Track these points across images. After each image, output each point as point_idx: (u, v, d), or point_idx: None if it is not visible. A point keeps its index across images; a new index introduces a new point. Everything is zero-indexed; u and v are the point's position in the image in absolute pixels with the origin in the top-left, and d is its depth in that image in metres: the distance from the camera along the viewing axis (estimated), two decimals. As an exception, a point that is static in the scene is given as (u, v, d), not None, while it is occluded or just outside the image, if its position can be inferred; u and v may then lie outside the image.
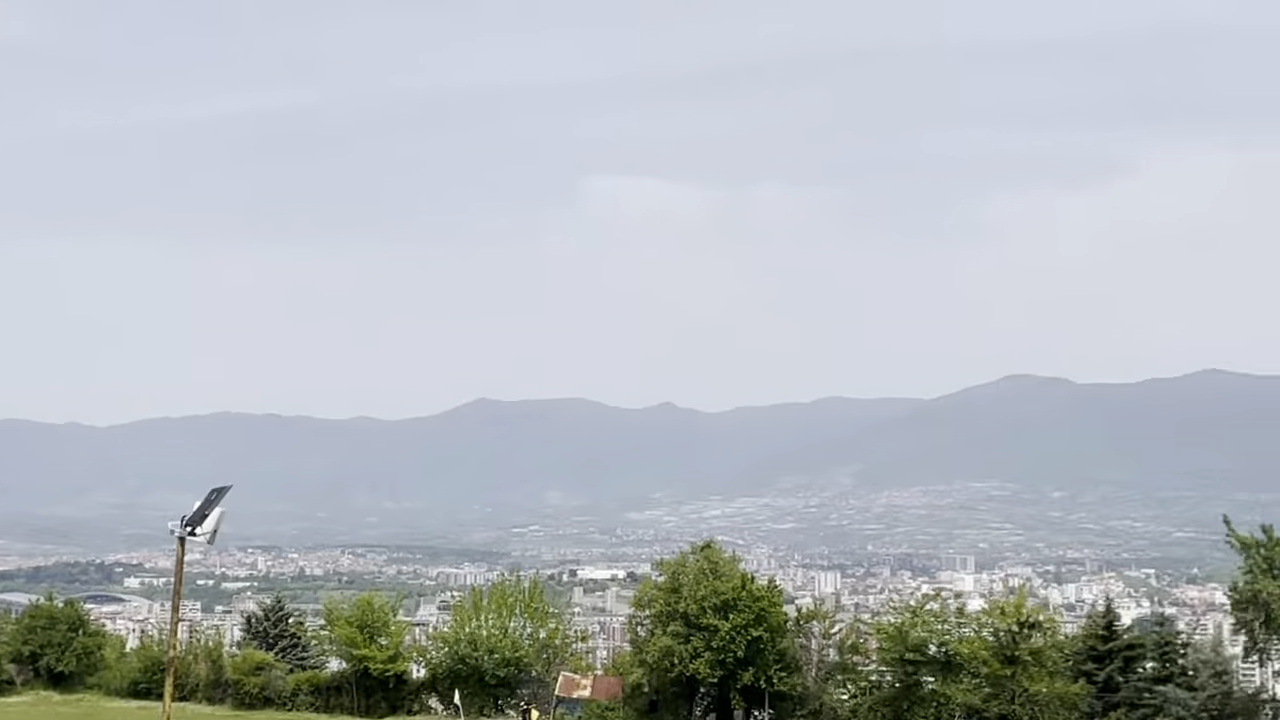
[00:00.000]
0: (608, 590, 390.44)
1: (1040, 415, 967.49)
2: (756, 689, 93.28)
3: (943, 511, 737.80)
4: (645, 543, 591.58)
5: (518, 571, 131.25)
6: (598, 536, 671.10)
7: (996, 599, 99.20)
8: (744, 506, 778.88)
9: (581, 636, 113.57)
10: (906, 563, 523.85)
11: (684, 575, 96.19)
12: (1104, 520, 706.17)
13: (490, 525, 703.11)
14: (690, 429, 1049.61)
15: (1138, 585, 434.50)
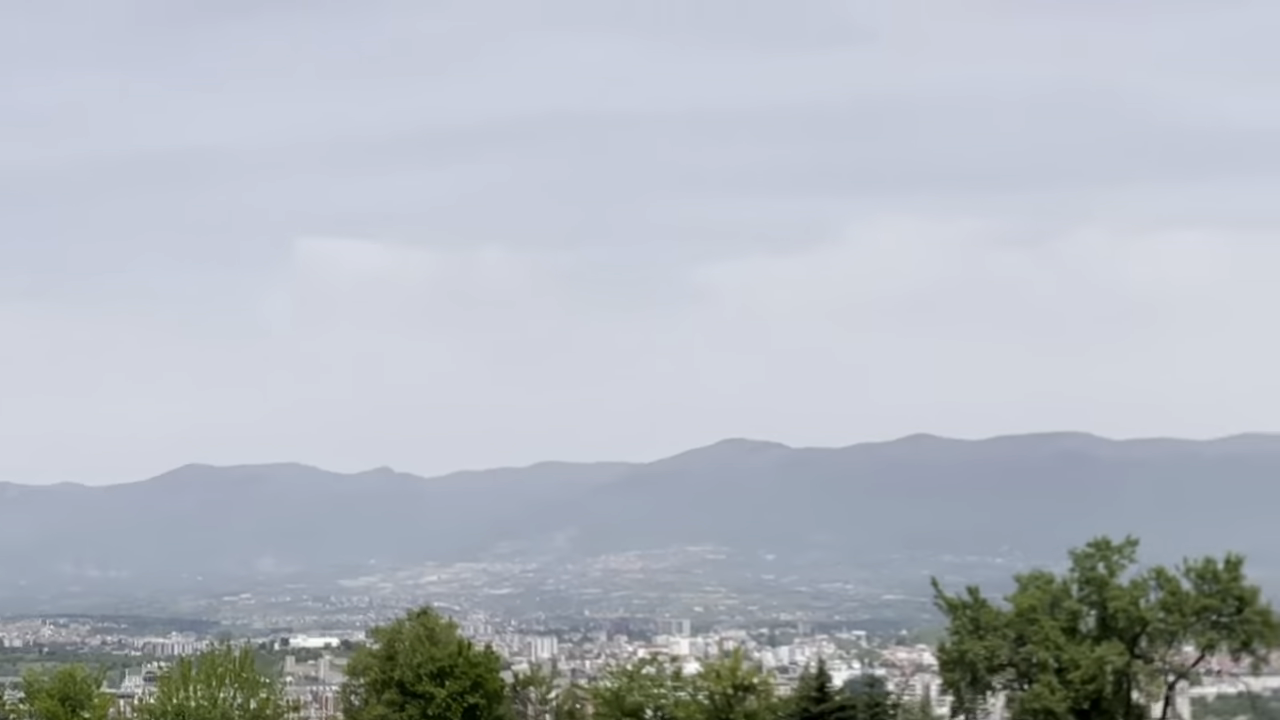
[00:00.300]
0: (321, 659, 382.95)
1: (755, 478, 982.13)
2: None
3: (659, 575, 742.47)
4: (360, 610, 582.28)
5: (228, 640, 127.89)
6: (311, 604, 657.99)
7: (712, 662, 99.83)
8: (461, 572, 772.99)
9: (293, 706, 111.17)
10: (623, 627, 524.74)
11: (399, 642, 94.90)
12: (816, 583, 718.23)
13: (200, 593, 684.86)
14: (407, 494, 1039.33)
15: (849, 647, 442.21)
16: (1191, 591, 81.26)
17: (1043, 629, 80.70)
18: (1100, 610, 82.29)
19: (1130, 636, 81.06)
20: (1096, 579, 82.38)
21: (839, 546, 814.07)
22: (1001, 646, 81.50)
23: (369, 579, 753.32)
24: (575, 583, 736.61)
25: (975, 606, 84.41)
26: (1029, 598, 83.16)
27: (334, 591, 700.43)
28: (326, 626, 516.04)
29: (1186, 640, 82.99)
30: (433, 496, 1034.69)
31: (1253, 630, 79.91)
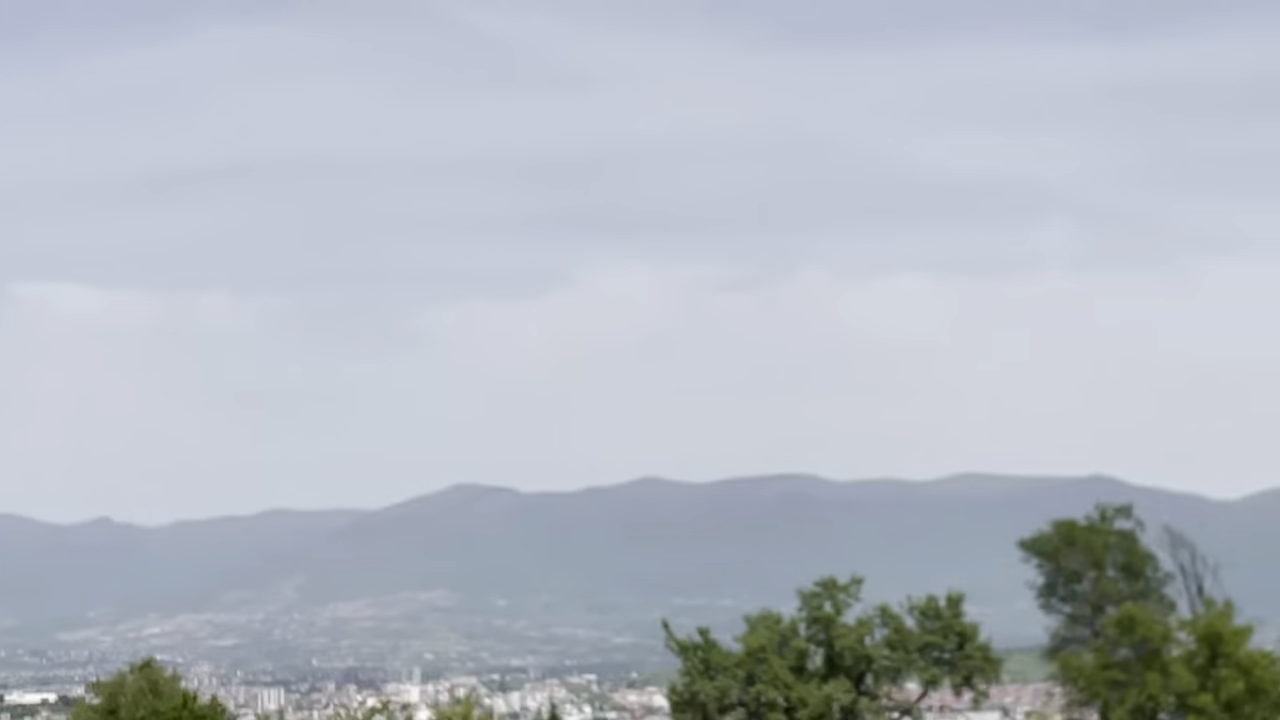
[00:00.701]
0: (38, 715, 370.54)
1: (486, 524, 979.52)
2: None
3: (389, 623, 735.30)
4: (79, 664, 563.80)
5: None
6: (27, 659, 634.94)
7: (443, 709, 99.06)
8: (185, 623, 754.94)
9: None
10: (353, 676, 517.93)
11: (122, 696, 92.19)
12: (547, 627, 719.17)
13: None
14: (128, 544, 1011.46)
15: (580, 691, 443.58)
16: (915, 629, 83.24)
17: (772, 668, 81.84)
18: (827, 648, 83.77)
19: (856, 674, 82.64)
20: (823, 618, 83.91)
21: (570, 591, 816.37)
22: (732, 686, 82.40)
23: (89, 632, 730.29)
24: (303, 632, 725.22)
25: (705, 648, 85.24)
26: (758, 638, 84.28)
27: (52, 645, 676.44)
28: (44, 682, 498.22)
29: (910, 676, 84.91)
30: (155, 546, 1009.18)
31: (973, 665, 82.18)
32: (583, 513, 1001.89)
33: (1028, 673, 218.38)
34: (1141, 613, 76.18)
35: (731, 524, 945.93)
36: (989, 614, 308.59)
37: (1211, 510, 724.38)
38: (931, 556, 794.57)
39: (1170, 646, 76.30)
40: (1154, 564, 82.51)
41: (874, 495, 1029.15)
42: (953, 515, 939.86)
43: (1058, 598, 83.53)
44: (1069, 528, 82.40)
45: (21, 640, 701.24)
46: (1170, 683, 73.59)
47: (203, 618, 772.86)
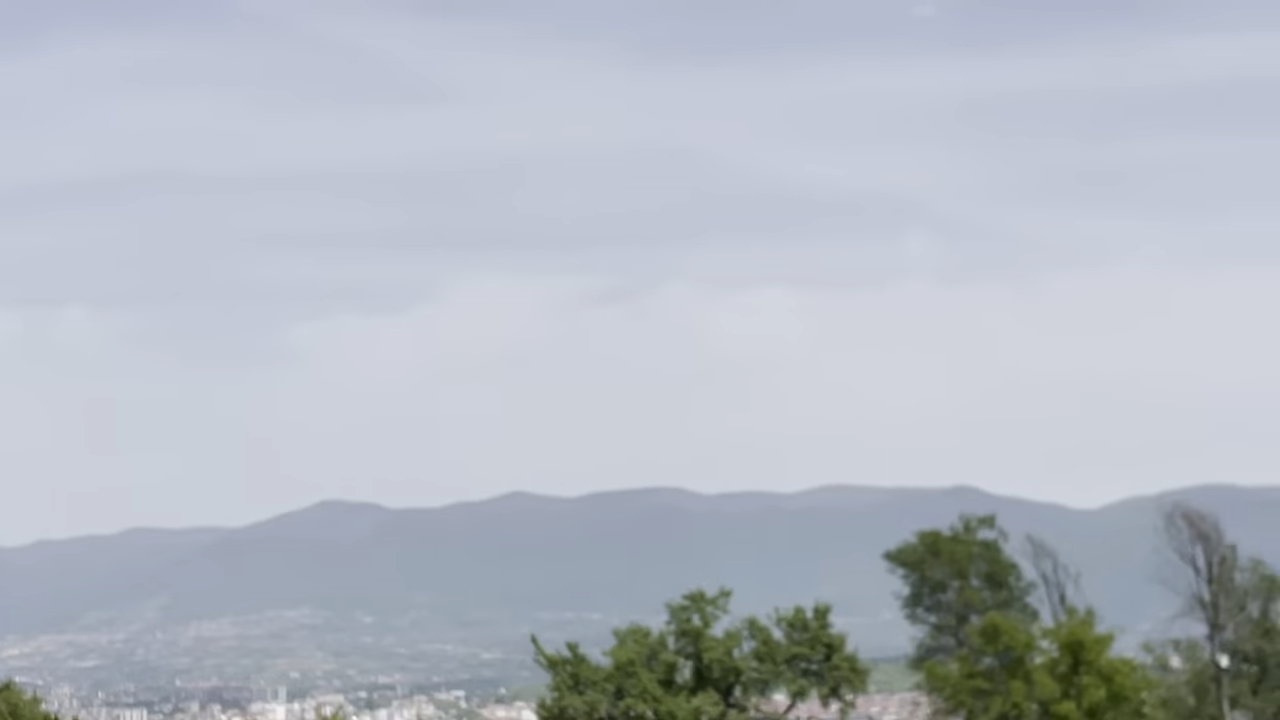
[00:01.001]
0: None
1: (352, 540, 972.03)
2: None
3: (254, 641, 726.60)
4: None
5: None
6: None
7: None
8: (44, 644, 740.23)
9: None
10: (217, 696, 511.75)
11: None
12: (415, 644, 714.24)
13: None
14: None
15: (448, 708, 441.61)
16: (782, 640, 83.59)
17: (640, 682, 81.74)
18: (696, 661, 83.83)
19: (725, 686, 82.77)
20: (692, 630, 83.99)
21: (438, 607, 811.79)
22: (601, 701, 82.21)
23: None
24: (166, 652, 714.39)
25: (574, 662, 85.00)
26: (626, 651, 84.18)
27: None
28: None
29: (778, 688, 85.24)
30: (14, 565, 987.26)
31: (840, 676, 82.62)
32: (450, 528, 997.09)
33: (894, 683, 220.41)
34: (1005, 622, 77.09)
35: (600, 538, 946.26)
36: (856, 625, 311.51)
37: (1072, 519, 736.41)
38: (799, 568, 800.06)
39: (1033, 655, 77.24)
40: (1017, 573, 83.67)
41: (741, 508, 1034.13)
42: (820, 527, 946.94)
43: (923, 608, 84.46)
44: (933, 538, 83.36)
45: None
46: (1033, 690, 74.47)
47: (63, 638, 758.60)
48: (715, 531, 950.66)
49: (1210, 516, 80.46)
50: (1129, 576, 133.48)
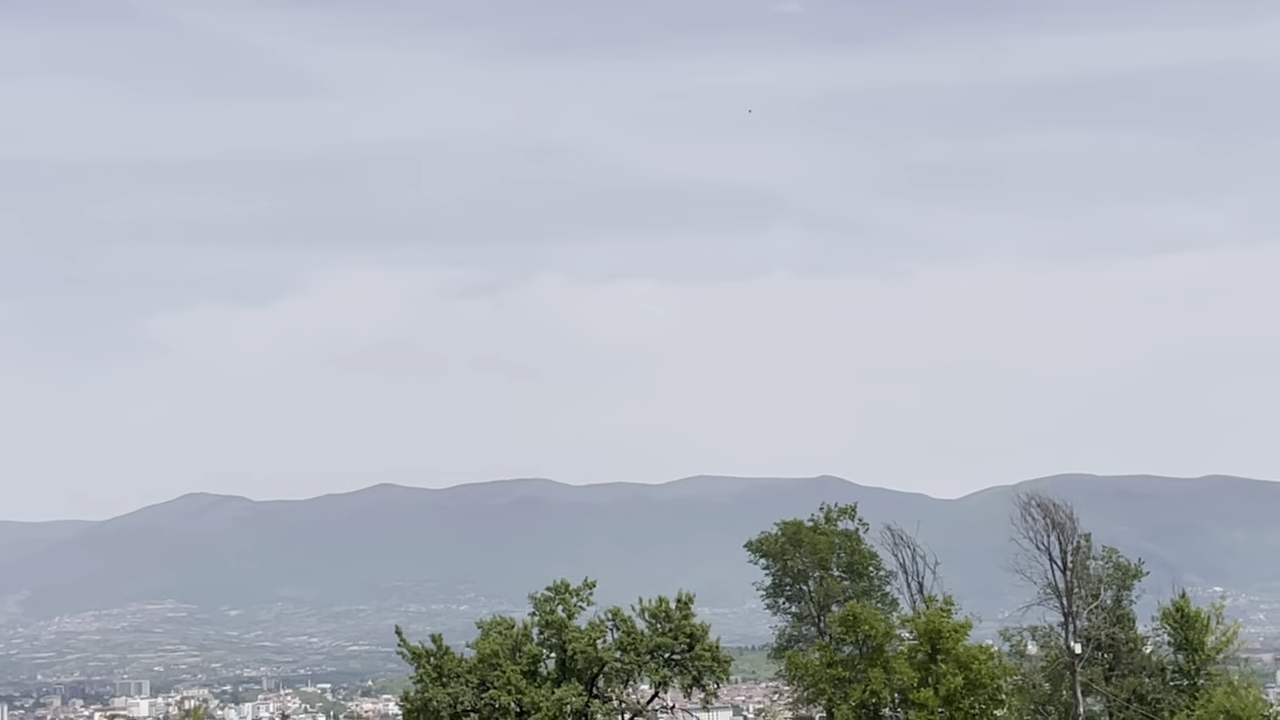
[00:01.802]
0: None
1: (218, 533, 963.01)
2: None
3: (117, 635, 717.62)
4: None
5: None
6: None
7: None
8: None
9: None
10: (79, 691, 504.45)
11: None
12: (281, 637, 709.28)
13: None
14: None
15: (314, 700, 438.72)
16: (646, 631, 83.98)
17: (505, 673, 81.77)
18: (560, 652, 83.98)
19: (589, 677, 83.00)
20: (556, 621, 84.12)
21: (305, 599, 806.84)
22: (465, 692, 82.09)
23: None
24: (27, 647, 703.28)
25: (439, 654, 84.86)
26: (491, 643, 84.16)
27: None
28: None
29: (642, 678, 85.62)
30: None
31: (703, 666, 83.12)
32: (318, 520, 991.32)
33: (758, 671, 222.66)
34: (865, 611, 77.95)
35: (468, 529, 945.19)
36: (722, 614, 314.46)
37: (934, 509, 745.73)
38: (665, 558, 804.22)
39: (893, 643, 78.21)
40: (877, 563, 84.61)
41: (608, 498, 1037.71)
42: (686, 517, 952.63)
43: (785, 597, 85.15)
44: (795, 528, 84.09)
45: None
46: (893, 679, 75.43)
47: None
48: (583, 522, 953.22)
49: (1064, 505, 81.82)
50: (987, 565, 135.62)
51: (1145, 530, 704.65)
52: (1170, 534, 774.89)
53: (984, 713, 74.99)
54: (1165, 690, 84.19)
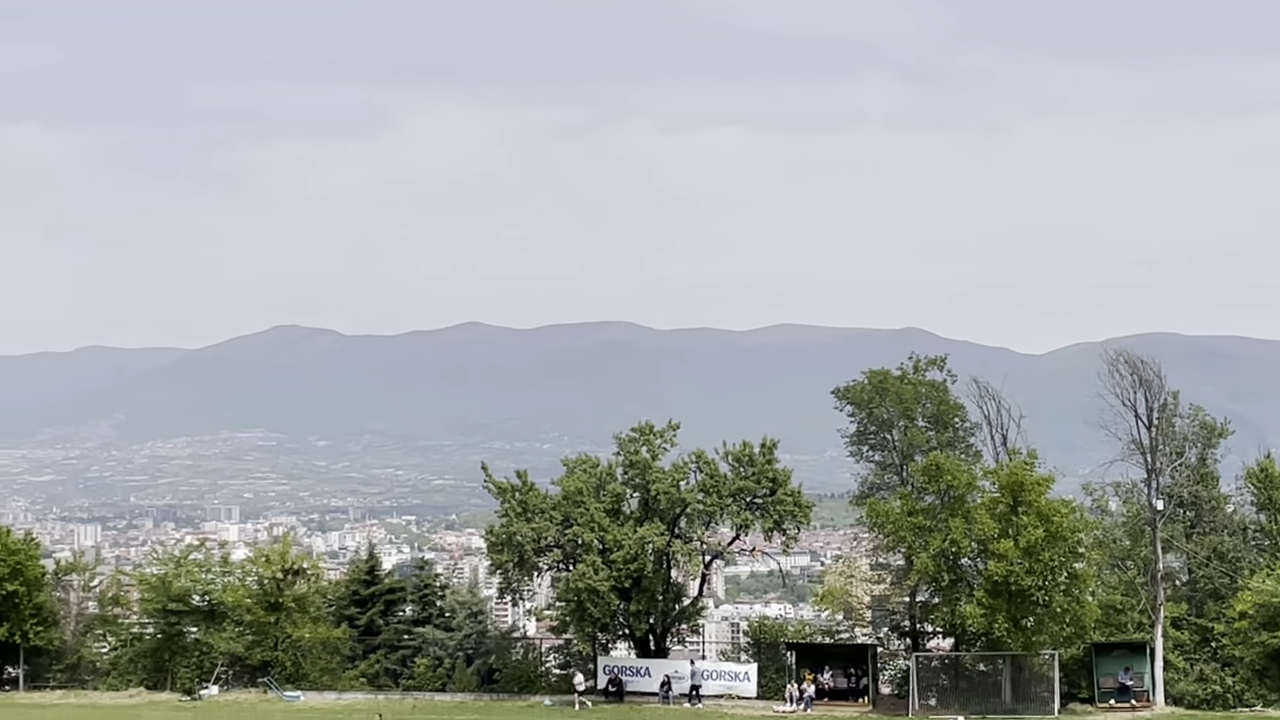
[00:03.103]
0: None
1: (307, 365, 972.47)
2: (11, 644, 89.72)
3: (208, 462, 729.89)
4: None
5: None
6: None
7: (261, 547, 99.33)
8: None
9: None
10: (170, 514, 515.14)
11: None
12: (367, 469, 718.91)
13: None
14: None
15: (399, 532, 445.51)
16: (728, 474, 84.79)
17: (588, 511, 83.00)
18: (643, 492, 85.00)
19: (671, 517, 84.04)
20: (640, 462, 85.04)
21: (392, 433, 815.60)
22: (548, 528, 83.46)
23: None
24: (120, 470, 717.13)
25: (523, 490, 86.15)
26: (575, 480, 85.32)
27: None
28: None
29: (723, 521, 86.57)
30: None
31: (785, 510, 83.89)
32: (405, 356, 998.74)
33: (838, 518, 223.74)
34: (948, 461, 78.20)
35: (553, 370, 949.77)
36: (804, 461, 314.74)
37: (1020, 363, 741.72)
38: (748, 404, 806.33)
39: (974, 494, 78.51)
40: (962, 414, 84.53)
41: (693, 343, 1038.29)
42: (770, 364, 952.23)
43: (868, 446, 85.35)
44: (882, 377, 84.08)
45: None
46: (973, 529, 75.85)
47: (18, 453, 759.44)
48: (666, 366, 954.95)
49: (1152, 363, 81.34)
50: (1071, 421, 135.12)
51: (1231, 391, 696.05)
52: (1257, 396, 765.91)
53: (1063, 565, 75.43)
54: (1246, 549, 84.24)
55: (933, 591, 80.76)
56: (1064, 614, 75.29)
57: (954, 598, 77.96)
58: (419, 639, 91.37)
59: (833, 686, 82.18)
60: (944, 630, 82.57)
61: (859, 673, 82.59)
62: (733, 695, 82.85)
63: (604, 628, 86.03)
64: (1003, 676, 79.02)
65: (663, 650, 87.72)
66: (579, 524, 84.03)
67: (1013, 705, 77.22)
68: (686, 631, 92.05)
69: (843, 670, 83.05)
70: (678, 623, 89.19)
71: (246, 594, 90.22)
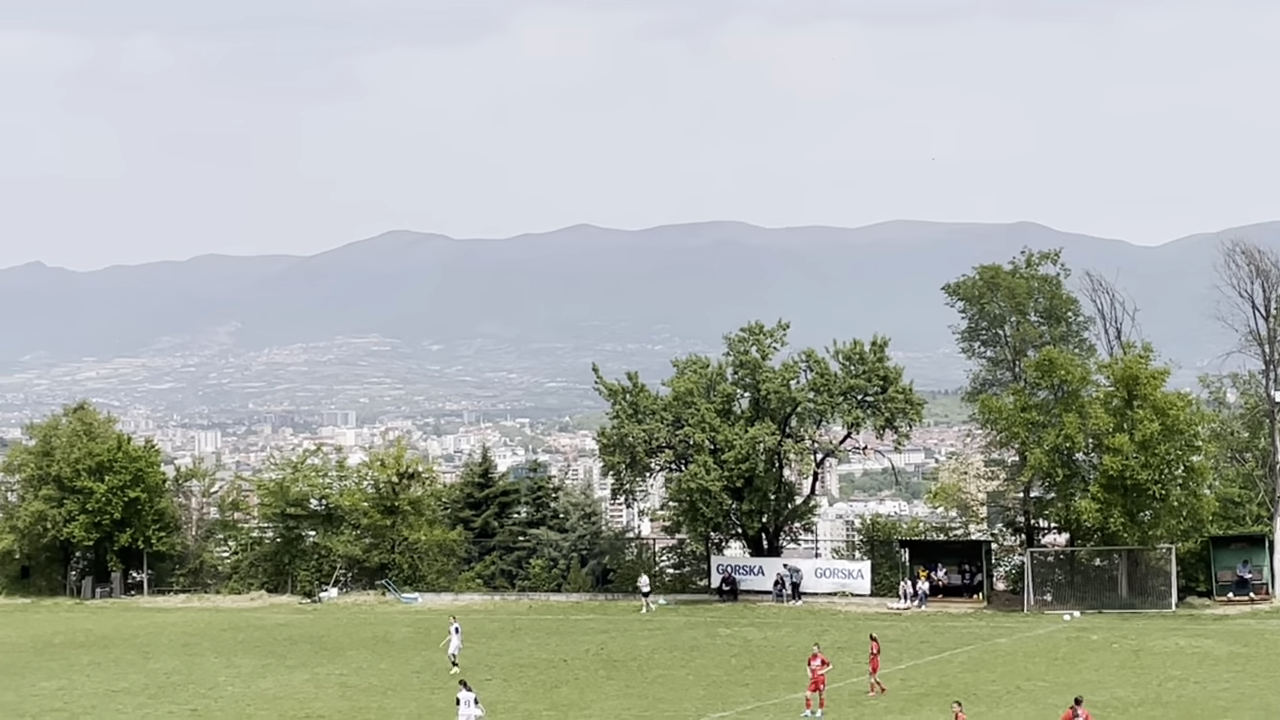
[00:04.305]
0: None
1: (419, 271, 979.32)
2: (135, 550, 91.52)
3: (323, 368, 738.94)
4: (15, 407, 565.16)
5: None
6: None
7: (377, 452, 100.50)
8: (120, 368, 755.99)
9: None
10: (288, 420, 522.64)
11: (56, 438, 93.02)
12: (480, 373, 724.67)
13: None
14: (62, 289, 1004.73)
15: (513, 434, 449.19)
16: (839, 372, 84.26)
17: (699, 411, 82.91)
18: (753, 392, 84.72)
19: (782, 417, 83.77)
20: (750, 362, 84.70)
21: (503, 336, 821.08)
22: (660, 429, 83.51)
23: (24, 376, 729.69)
24: (238, 376, 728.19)
25: (634, 391, 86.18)
26: (686, 381, 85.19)
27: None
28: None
29: (834, 419, 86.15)
30: (89, 291, 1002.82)
31: (896, 408, 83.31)
32: (516, 259, 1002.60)
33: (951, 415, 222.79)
34: (1061, 356, 77.28)
35: (663, 271, 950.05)
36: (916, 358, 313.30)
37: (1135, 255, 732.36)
38: (859, 302, 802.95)
39: (1089, 388, 77.63)
40: (1075, 308, 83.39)
41: (803, 242, 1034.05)
42: (881, 261, 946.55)
43: (980, 342, 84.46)
44: (993, 272, 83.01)
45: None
46: (1087, 424, 75.04)
47: (138, 361, 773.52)
48: (776, 265, 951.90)
49: (1269, 253, 79.76)
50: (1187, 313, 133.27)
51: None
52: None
53: (1179, 458, 74.55)
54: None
55: (1047, 487, 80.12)
56: (1180, 508, 74.47)
57: (1068, 493, 77.34)
58: (533, 540, 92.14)
59: (947, 583, 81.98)
60: (1059, 526, 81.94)
61: (973, 569, 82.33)
62: (847, 593, 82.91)
63: (717, 527, 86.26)
64: (1118, 571, 78.47)
65: (776, 549, 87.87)
66: (690, 424, 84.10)
67: (1129, 600, 76.66)
68: (799, 530, 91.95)
69: (957, 567, 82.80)
70: (790, 522, 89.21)
71: (363, 498, 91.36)
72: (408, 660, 59.42)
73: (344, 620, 78.24)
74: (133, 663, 63.13)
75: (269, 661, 62.61)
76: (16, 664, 63.39)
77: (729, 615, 76.92)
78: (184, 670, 60.39)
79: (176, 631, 73.84)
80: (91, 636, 72.78)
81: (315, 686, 55.82)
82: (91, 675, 59.87)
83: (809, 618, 75.22)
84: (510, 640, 68.60)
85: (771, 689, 53.32)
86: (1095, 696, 41.22)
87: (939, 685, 52.54)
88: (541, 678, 56.90)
